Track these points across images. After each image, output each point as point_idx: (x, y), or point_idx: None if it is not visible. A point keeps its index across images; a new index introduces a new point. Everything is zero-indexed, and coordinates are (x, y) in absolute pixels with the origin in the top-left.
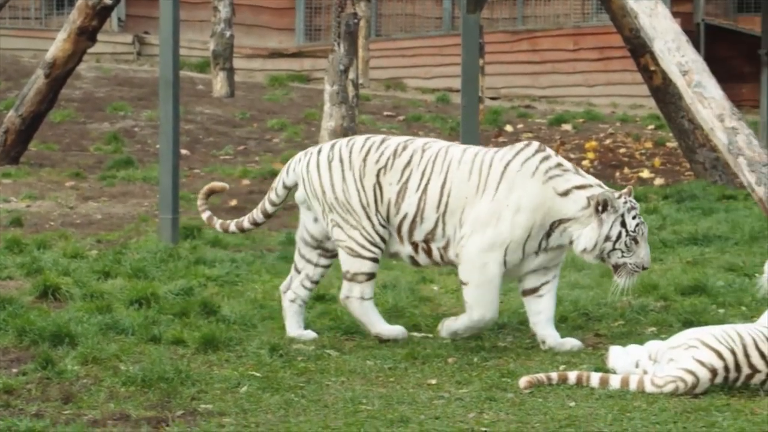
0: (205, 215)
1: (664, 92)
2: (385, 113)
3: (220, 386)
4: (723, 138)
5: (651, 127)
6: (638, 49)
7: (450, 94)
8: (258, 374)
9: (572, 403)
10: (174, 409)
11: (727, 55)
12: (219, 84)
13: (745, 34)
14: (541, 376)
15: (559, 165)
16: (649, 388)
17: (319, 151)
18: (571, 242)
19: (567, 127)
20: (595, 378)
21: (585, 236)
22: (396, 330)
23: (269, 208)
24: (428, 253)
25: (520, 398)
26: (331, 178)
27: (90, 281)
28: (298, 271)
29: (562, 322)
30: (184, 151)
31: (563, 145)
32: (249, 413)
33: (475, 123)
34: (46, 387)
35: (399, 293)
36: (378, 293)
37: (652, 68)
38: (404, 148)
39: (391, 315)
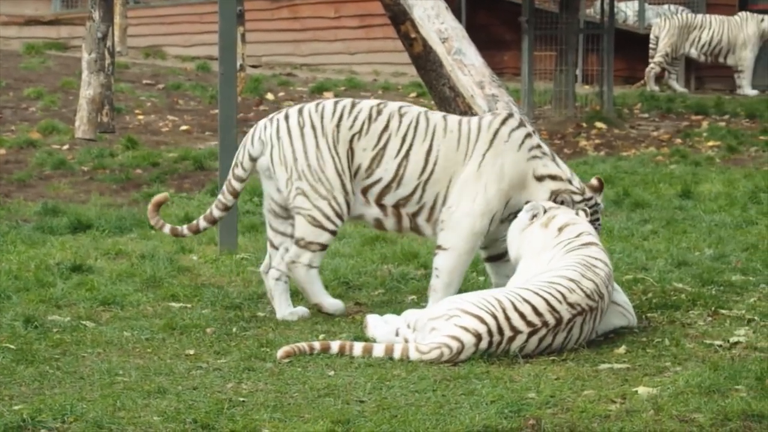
0: (166, 228)
1: (425, 60)
2: (145, 81)
3: None
4: (483, 105)
5: (413, 94)
6: (399, 16)
7: (210, 62)
8: (12, 346)
9: (331, 372)
10: None
11: (488, 23)
12: None
13: (506, 2)
14: (304, 345)
15: (539, 146)
16: (413, 355)
17: (287, 117)
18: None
19: (329, 95)
20: (358, 347)
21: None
22: (336, 304)
23: (237, 186)
24: (397, 217)
25: (280, 368)
26: (304, 145)
27: None
28: (276, 247)
29: None
30: None
31: None
32: (2, 386)
33: (234, 91)
34: None
35: (157, 263)
36: (136, 263)
37: (413, 36)
38: (379, 113)
39: (148, 285)
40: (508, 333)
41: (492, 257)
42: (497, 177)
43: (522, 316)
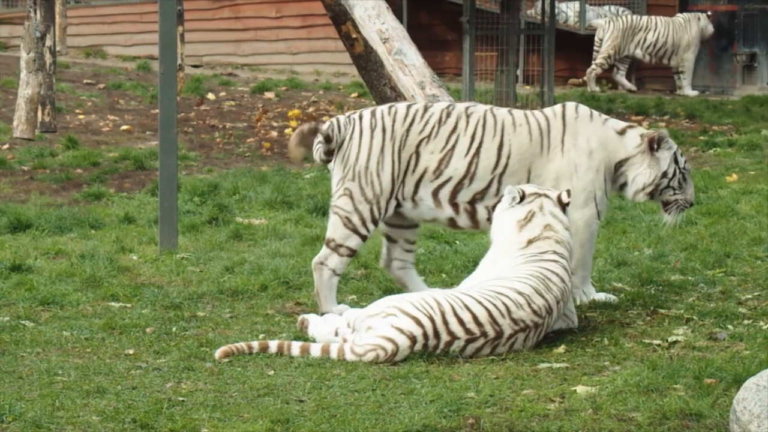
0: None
1: (366, 60)
2: (85, 81)
3: None
4: None
5: (354, 95)
6: (340, 16)
7: (151, 61)
8: None
9: (271, 372)
10: None
11: (430, 23)
12: None
13: (447, 2)
14: (242, 345)
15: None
16: (349, 356)
17: (361, 117)
18: (622, 186)
19: (270, 95)
20: (296, 347)
21: (643, 174)
22: (341, 306)
23: None
24: (471, 213)
25: (219, 368)
26: (369, 147)
27: None
28: (395, 240)
29: (263, 291)
30: None
31: (266, 113)
32: None
33: (173, 91)
34: None
35: (97, 263)
36: (76, 263)
37: (354, 36)
38: (448, 115)
39: (88, 285)
40: (444, 337)
41: None
42: (585, 153)
43: (461, 322)
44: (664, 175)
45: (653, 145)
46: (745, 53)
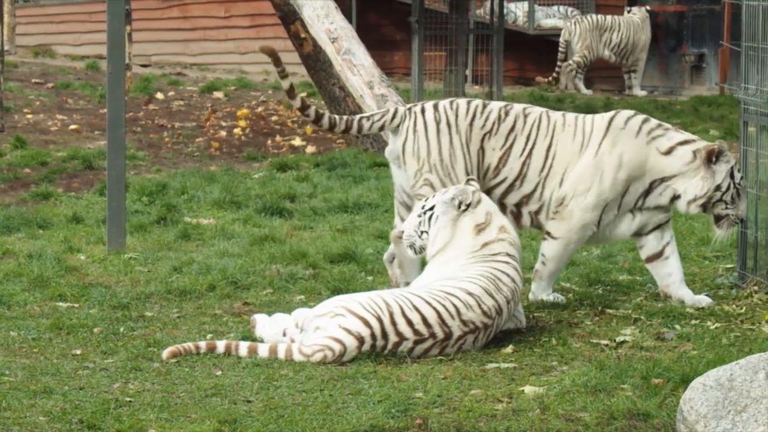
0: None
1: (315, 60)
2: (34, 80)
3: None
4: (373, 105)
5: (303, 94)
6: (289, 16)
7: (100, 61)
8: None
9: (219, 372)
10: None
11: (379, 23)
12: None
13: (396, 2)
14: (189, 345)
15: (660, 125)
16: (297, 356)
17: (423, 111)
18: (673, 199)
19: (219, 94)
20: (243, 347)
21: (695, 186)
22: None
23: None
24: (517, 216)
25: (167, 368)
26: (438, 140)
27: None
28: None
29: (211, 291)
30: None
31: (215, 113)
32: None
33: (122, 90)
34: None
35: (45, 263)
36: (23, 263)
37: (303, 35)
38: (506, 113)
39: (36, 285)
40: (393, 338)
41: (651, 257)
42: (615, 166)
43: (410, 323)
44: (718, 188)
45: (711, 158)
46: (694, 54)
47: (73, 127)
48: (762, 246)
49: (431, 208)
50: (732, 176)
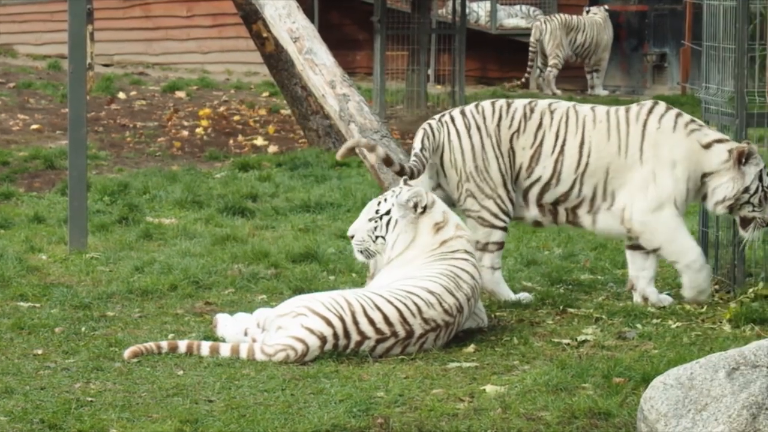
0: None
1: (277, 59)
2: None
3: None
4: (334, 104)
5: (265, 94)
6: (250, 15)
7: (62, 60)
8: None
9: (180, 372)
10: None
11: (341, 22)
12: None
13: (358, 1)
14: (151, 345)
15: (693, 120)
16: (259, 356)
17: (453, 119)
18: (704, 197)
19: (181, 94)
20: (205, 347)
21: (725, 186)
22: (521, 295)
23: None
24: (554, 214)
25: (128, 367)
26: (471, 147)
27: None
28: None
29: (172, 291)
30: None
31: (177, 112)
32: None
33: (83, 90)
34: None
35: (6, 263)
36: None
37: (265, 35)
38: (532, 110)
39: None
40: (355, 337)
41: (635, 246)
42: (668, 164)
43: (371, 322)
44: (746, 190)
45: (741, 159)
46: (656, 53)
47: (34, 126)
48: (723, 245)
49: (387, 213)
50: (761, 179)
